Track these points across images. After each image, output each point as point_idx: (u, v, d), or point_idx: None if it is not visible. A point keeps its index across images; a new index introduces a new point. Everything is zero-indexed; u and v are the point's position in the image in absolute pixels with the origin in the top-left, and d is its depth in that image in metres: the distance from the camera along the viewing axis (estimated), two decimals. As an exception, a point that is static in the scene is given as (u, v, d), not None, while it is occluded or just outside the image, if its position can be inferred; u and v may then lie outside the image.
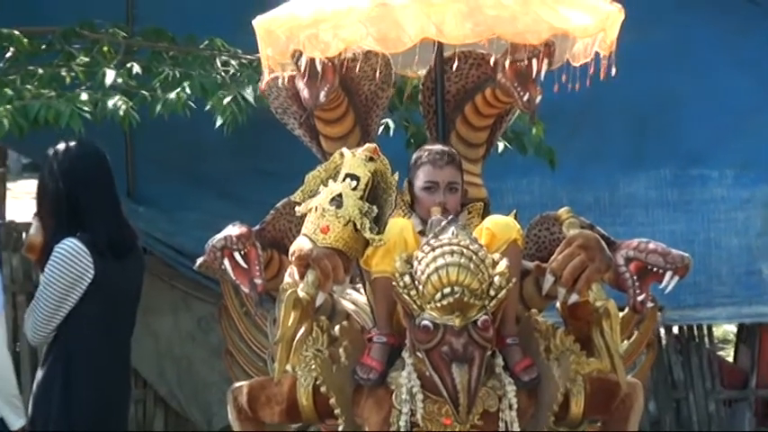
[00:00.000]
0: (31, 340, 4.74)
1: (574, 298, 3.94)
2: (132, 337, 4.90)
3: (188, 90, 5.30)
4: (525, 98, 4.22)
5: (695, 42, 7.18)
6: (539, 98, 4.23)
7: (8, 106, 5.21)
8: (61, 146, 4.73)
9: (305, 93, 4.25)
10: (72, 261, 4.57)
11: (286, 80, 4.36)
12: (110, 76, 5.49)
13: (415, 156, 4.21)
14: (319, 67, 4.12)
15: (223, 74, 5.71)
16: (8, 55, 5.83)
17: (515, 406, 3.83)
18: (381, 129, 4.85)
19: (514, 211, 4.18)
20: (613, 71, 4.11)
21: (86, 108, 5.18)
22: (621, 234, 4.20)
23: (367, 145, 4.05)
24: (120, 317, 4.78)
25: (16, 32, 5.45)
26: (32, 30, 5.95)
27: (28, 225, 6.77)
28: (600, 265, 3.91)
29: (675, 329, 7.53)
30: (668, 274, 4.00)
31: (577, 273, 3.91)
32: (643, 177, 7.33)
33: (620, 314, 3.97)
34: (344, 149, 4.04)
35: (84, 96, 5.25)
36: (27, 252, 4.86)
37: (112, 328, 4.74)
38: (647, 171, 7.32)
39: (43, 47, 5.99)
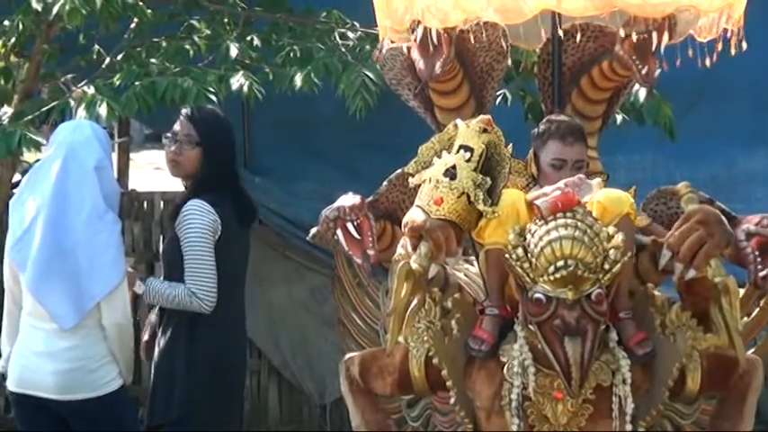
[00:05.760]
0: (208, 308, 4.69)
1: (691, 273, 3.86)
2: (247, 306, 4.97)
3: (312, 75, 5.33)
4: (644, 72, 4.16)
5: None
6: (657, 72, 4.17)
7: (136, 83, 5.27)
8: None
9: (420, 64, 4.23)
10: (202, 214, 4.67)
11: (403, 50, 4.36)
12: (233, 50, 5.55)
13: (542, 127, 4.18)
14: (435, 38, 4.12)
15: (343, 49, 5.71)
16: (132, 26, 5.92)
17: (629, 380, 3.78)
18: (498, 99, 4.80)
19: (634, 187, 4.11)
20: (744, 46, 4.02)
21: (212, 88, 5.23)
22: (739, 211, 4.11)
23: (481, 116, 4.02)
24: (239, 282, 4.87)
25: (140, 3, 5.52)
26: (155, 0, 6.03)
27: (150, 194, 7.02)
28: (719, 240, 3.84)
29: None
30: None
31: (696, 248, 3.83)
32: (763, 153, 7.16)
33: (741, 291, 3.89)
34: (458, 121, 4.02)
35: (210, 77, 5.29)
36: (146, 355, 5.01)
37: (233, 293, 4.81)
38: (768, 147, 7.17)
39: (166, 18, 6.05)
